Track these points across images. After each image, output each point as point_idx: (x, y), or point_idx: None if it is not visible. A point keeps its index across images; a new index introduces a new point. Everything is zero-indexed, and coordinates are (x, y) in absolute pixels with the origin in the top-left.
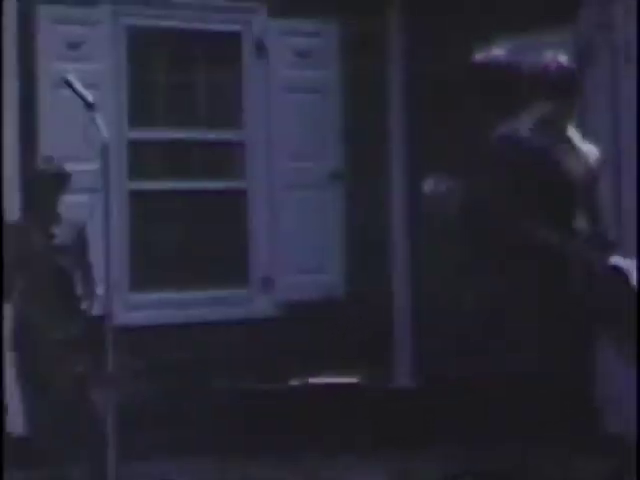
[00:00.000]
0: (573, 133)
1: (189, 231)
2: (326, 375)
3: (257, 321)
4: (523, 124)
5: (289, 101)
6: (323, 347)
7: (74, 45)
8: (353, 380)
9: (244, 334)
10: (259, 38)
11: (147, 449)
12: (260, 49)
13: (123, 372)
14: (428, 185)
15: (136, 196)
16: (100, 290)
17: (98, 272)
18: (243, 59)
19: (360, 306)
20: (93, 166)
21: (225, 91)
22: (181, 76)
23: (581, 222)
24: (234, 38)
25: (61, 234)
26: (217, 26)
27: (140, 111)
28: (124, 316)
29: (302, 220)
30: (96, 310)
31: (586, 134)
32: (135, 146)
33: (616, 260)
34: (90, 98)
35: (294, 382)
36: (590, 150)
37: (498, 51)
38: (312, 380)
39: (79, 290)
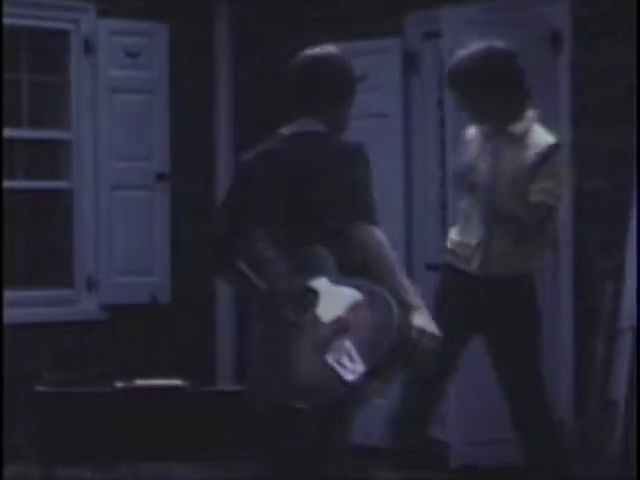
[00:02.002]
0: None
1: (14, 231)
2: (151, 378)
3: (82, 323)
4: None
5: (117, 101)
6: (148, 350)
7: None
8: (176, 383)
9: (69, 336)
10: (87, 37)
11: None
12: (88, 48)
13: None
14: None
15: None
16: None
17: None
18: (71, 58)
19: (185, 308)
20: None
21: (51, 90)
22: (5, 73)
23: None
24: (62, 36)
25: None
26: (45, 23)
27: None
28: None
29: (128, 221)
30: None
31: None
32: None
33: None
34: None
35: (118, 385)
36: (541, 139)
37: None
38: (136, 383)
39: None
